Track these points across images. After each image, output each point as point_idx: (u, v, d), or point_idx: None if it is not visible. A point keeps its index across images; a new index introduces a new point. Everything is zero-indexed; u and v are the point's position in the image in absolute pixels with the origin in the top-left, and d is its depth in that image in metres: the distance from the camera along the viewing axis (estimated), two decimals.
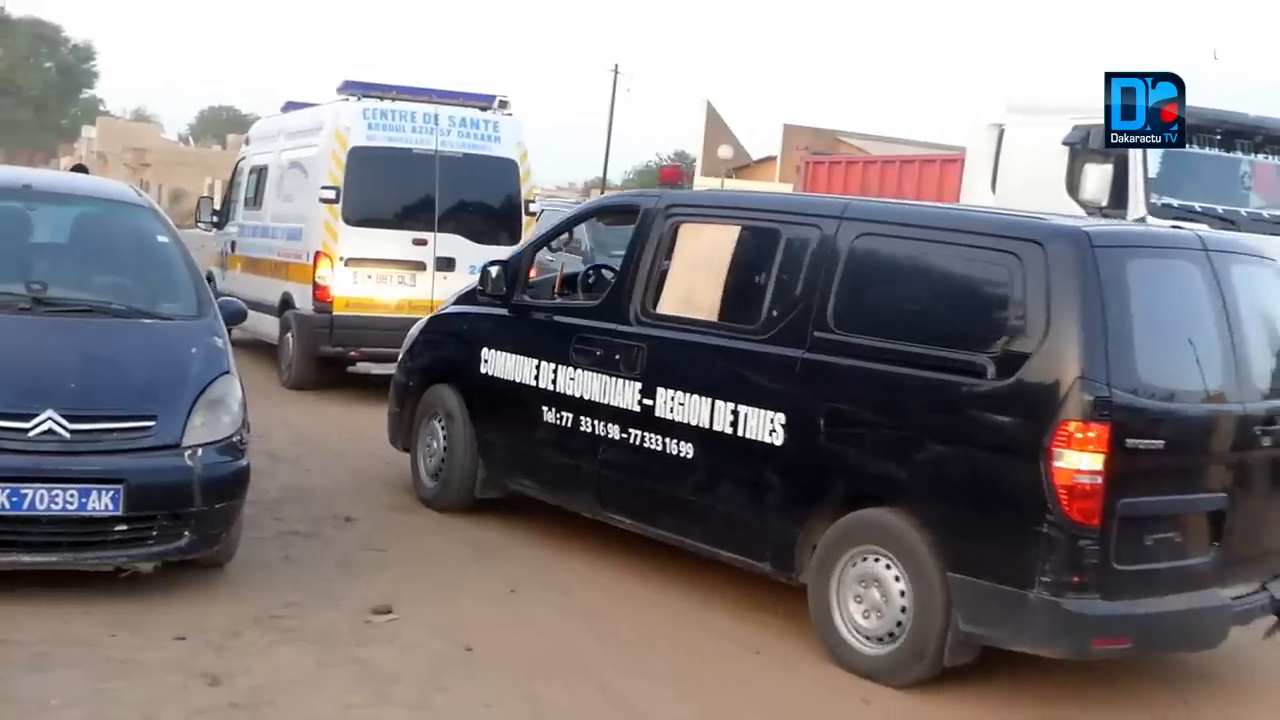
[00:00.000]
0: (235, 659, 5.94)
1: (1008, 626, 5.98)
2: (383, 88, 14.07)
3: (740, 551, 7.10)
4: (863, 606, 6.40)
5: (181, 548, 6.60)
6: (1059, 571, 5.75)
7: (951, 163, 18.31)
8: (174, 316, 7.37)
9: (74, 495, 6.26)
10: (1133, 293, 6.10)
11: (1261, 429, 6.39)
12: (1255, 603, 6.40)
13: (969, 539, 6.08)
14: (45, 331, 6.95)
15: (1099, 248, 6.07)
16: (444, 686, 5.86)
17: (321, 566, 7.47)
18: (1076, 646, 5.93)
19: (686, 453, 7.25)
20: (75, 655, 5.81)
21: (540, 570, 7.77)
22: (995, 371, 6.03)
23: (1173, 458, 6.13)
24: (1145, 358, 6.06)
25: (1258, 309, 6.73)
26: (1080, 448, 5.72)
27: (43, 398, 6.39)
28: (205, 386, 6.85)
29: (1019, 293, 6.08)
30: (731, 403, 7.01)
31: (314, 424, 11.49)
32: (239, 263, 16.32)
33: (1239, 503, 6.35)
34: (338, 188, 13.28)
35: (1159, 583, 6.04)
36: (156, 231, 7.91)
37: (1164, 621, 6.07)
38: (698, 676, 6.27)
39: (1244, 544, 6.43)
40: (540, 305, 8.69)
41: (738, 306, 7.28)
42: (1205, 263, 6.49)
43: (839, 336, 6.67)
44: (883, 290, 6.80)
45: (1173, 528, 6.17)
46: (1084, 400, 5.76)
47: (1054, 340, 5.90)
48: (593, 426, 7.81)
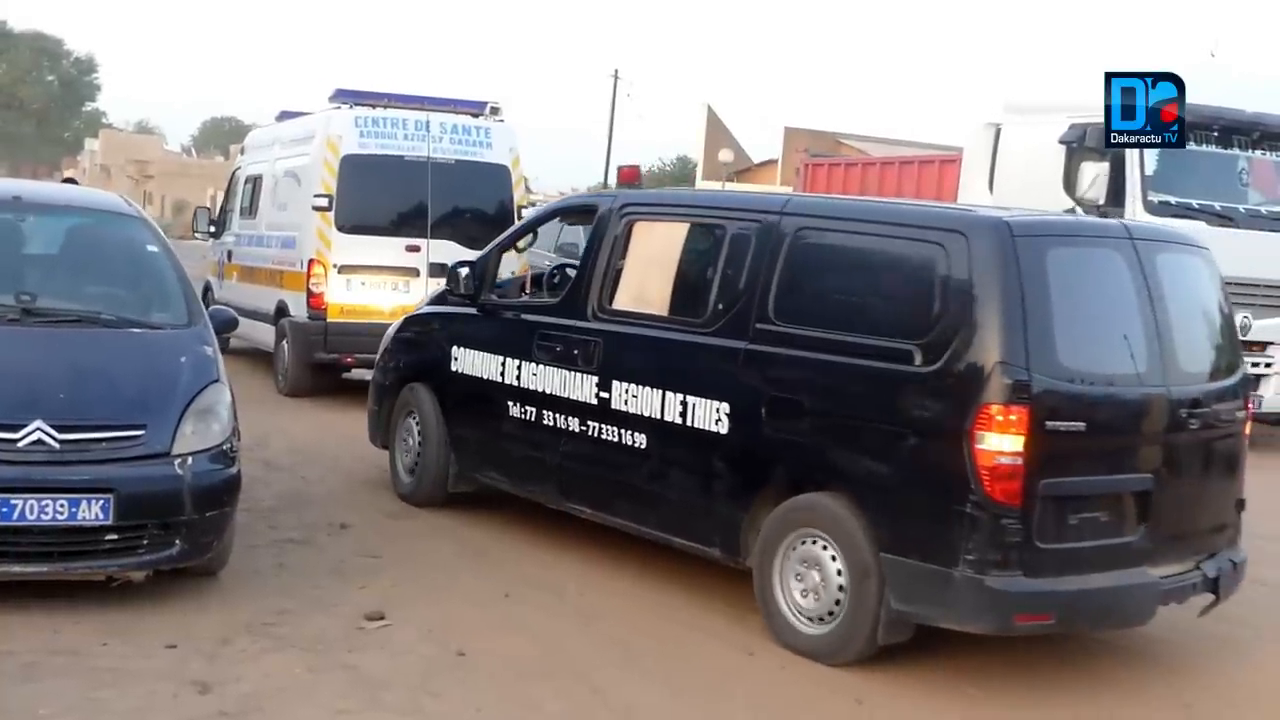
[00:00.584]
0: (226, 667, 5.93)
1: (936, 604, 6.18)
2: (374, 95, 14.13)
3: (691, 538, 7.33)
4: (803, 587, 6.61)
5: (173, 556, 6.61)
6: (982, 550, 5.95)
7: (950, 163, 18.36)
8: (164, 326, 7.38)
9: (64, 505, 6.27)
10: (1053, 280, 6.27)
11: (1188, 411, 6.56)
12: (1187, 581, 6.55)
13: (899, 520, 6.28)
14: (34, 342, 6.96)
15: (1019, 237, 6.26)
16: (435, 691, 5.84)
17: (315, 573, 7.47)
18: (1000, 622, 6.11)
19: (640, 443, 7.50)
20: (65, 665, 5.81)
21: (535, 574, 7.77)
22: (922, 359, 6.23)
23: (1095, 439, 6.31)
24: (1066, 343, 6.24)
25: (1185, 295, 6.91)
26: (1001, 430, 5.92)
27: (31, 408, 6.40)
28: (195, 395, 6.86)
29: (944, 282, 6.29)
30: (681, 394, 7.25)
31: (310, 431, 11.50)
32: (235, 272, 16.38)
33: (1166, 483, 6.50)
34: (330, 195, 13.36)
35: (1084, 561, 6.23)
36: (146, 241, 7.92)
37: (1088, 599, 6.22)
38: (691, 678, 6.26)
39: (1173, 524, 6.60)
40: (506, 304, 9.03)
41: (686, 301, 7.55)
42: (1130, 251, 6.67)
43: (779, 328, 6.90)
44: (820, 282, 7.03)
45: (1097, 507, 6.35)
46: (1003, 384, 5.96)
47: (976, 327, 6.10)
48: (554, 420, 8.07)
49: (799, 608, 6.64)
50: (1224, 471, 7.06)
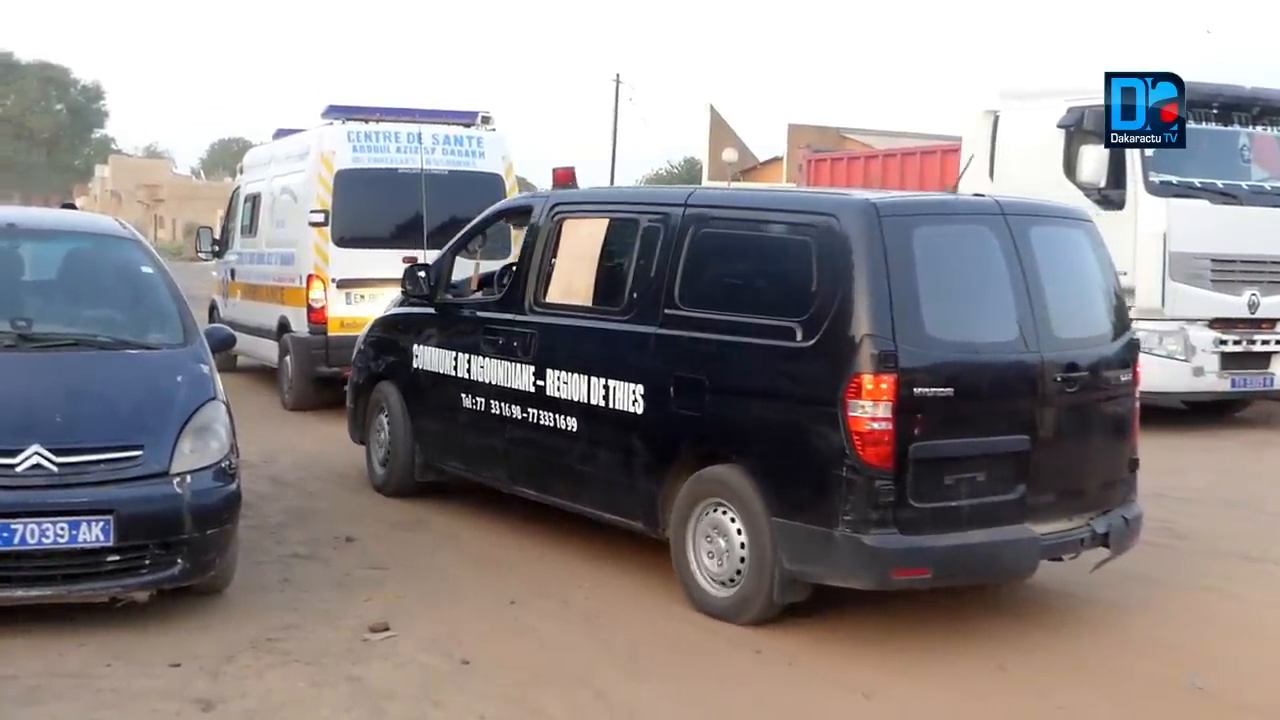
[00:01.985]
0: (229, 683, 5.93)
1: (820, 563, 6.61)
2: (366, 110, 14.21)
3: (618, 513, 7.84)
4: (711, 553, 7.09)
5: (175, 576, 6.60)
6: (859, 510, 6.36)
7: (951, 152, 18.35)
8: (160, 346, 7.39)
9: (64, 528, 6.27)
10: (919, 256, 6.65)
11: (1063, 376, 6.95)
12: (1073, 537, 6.95)
13: (787, 486, 6.72)
14: (30, 367, 6.98)
15: (885, 217, 6.66)
16: (439, 700, 5.82)
17: (320, 587, 7.46)
18: (877, 578, 6.48)
19: (572, 426, 8.04)
20: (69, 687, 5.80)
21: (542, 580, 7.76)
22: (803, 334, 6.67)
23: (965, 404, 6.64)
24: (933, 314, 6.61)
25: (1061, 266, 7.29)
26: (871, 397, 6.33)
27: (28, 432, 6.41)
28: (192, 413, 6.86)
29: (819, 261, 6.72)
30: (603, 378, 7.76)
31: (316, 445, 11.53)
32: (239, 290, 16.45)
33: (1045, 444, 6.88)
34: (326, 211, 13.47)
35: (961, 518, 6.58)
36: (141, 263, 7.94)
37: (964, 553, 6.58)
38: (697, 678, 6.23)
39: (1056, 482, 7.02)
40: (459, 302, 9.53)
41: (607, 291, 8.04)
42: (1002, 226, 7.04)
43: (684, 312, 7.37)
44: (718, 268, 7.45)
45: (974, 468, 6.66)
46: (871, 355, 6.36)
47: (847, 302, 6.50)
48: (500, 409, 8.64)
49: (709, 573, 7.11)
50: (1111, 432, 7.50)
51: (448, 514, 9.37)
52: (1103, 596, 7.67)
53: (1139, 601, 7.61)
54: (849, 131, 39.22)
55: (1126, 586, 7.89)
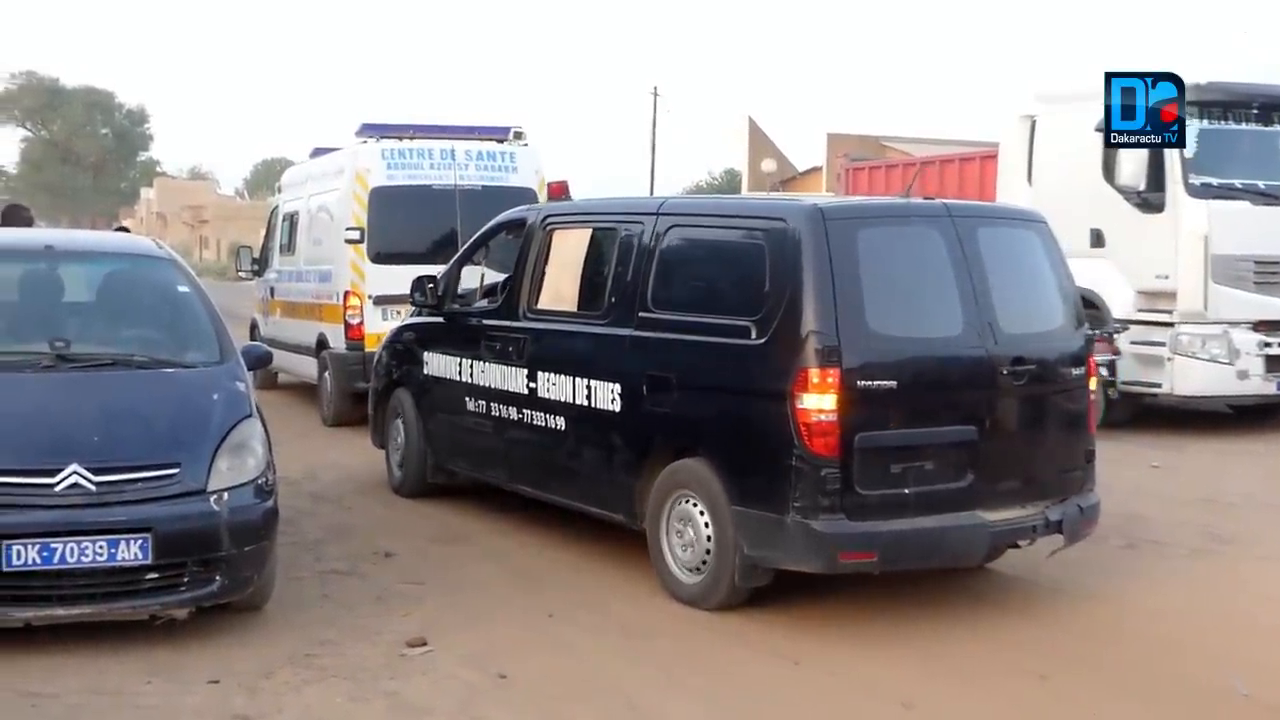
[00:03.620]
0: (267, 699, 5.94)
1: (774, 548, 6.93)
2: (400, 128, 14.28)
3: (602, 506, 8.23)
4: (682, 542, 7.43)
5: (213, 592, 6.63)
6: (808, 498, 6.67)
7: (990, 158, 18.19)
8: (196, 364, 7.42)
9: (103, 546, 6.30)
10: (864, 257, 6.99)
11: (1010, 369, 7.19)
12: (1025, 524, 7.17)
13: (745, 476, 7.05)
14: (68, 387, 7.03)
15: (830, 220, 6.99)
16: (477, 716, 5.82)
17: (358, 603, 7.47)
18: (826, 561, 6.79)
19: (560, 425, 8.44)
20: (109, 705, 5.84)
21: (580, 593, 7.75)
22: (757, 332, 7.03)
23: (910, 396, 6.98)
24: (877, 311, 6.91)
25: (1010, 265, 7.57)
26: (816, 391, 6.66)
27: (67, 452, 6.44)
28: (228, 431, 6.88)
29: (771, 263, 7.08)
30: (586, 379, 8.15)
31: (355, 460, 11.54)
32: (278, 308, 16.53)
33: (993, 435, 7.17)
34: (362, 228, 13.53)
35: (908, 505, 6.86)
36: (177, 282, 7.99)
37: (911, 539, 6.86)
38: (735, 691, 6.19)
39: (1007, 472, 7.27)
40: (463, 311, 9.87)
41: (590, 296, 8.43)
42: (949, 227, 7.34)
43: (655, 315, 7.74)
44: (685, 272, 7.89)
45: (919, 457, 6.95)
46: (816, 350, 6.70)
47: (794, 301, 6.84)
48: (499, 410, 9.06)
49: (680, 561, 7.46)
50: (1064, 424, 7.71)
51: (486, 528, 9.38)
52: (1143, 603, 7.61)
53: (1181, 608, 7.52)
54: (889, 140, 39.15)
55: (1168, 593, 7.84)
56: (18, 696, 5.89)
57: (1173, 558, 8.77)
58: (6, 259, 8.23)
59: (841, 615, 7.30)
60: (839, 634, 6.99)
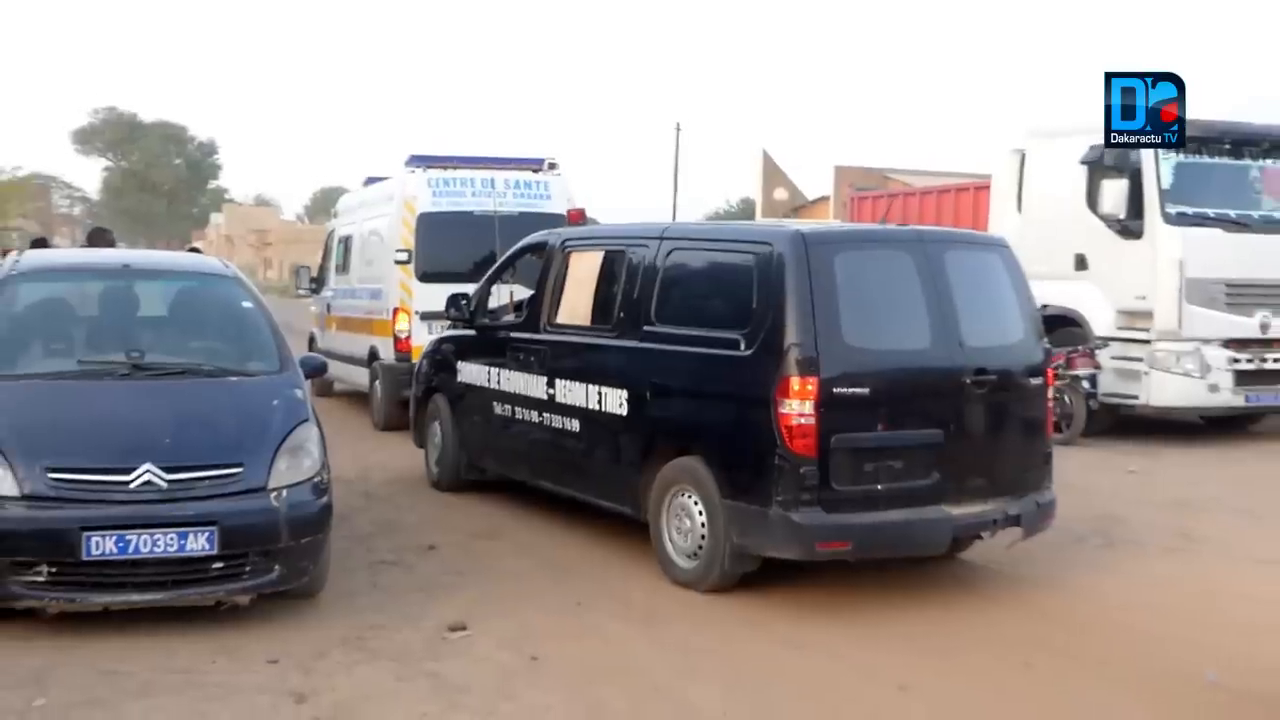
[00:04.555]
0: (321, 678, 5.95)
1: (759, 537, 7.08)
2: (444, 159, 14.28)
3: (612, 500, 8.37)
4: (680, 531, 7.59)
5: (273, 580, 6.64)
6: (789, 492, 6.83)
7: (984, 189, 18.14)
8: (258, 373, 7.45)
9: (174, 538, 6.32)
10: (841, 278, 7.09)
11: (973, 379, 7.28)
12: (987, 518, 7.29)
13: (735, 473, 7.19)
14: (143, 394, 7.05)
15: (811, 244, 7.12)
16: (510, 694, 5.82)
17: (404, 591, 7.48)
18: (804, 549, 6.96)
19: (575, 427, 8.60)
20: (177, 682, 5.85)
21: (605, 583, 7.75)
22: (745, 344, 7.18)
23: (882, 403, 7.05)
24: (852, 326, 7.06)
25: (974, 285, 7.64)
26: (797, 397, 6.80)
27: (141, 453, 6.46)
28: (287, 434, 6.89)
29: (758, 283, 7.21)
30: (597, 386, 8.30)
31: (404, 461, 11.54)
32: (334, 323, 16.58)
33: (958, 438, 7.26)
34: (410, 250, 13.58)
35: (879, 500, 7.00)
36: (242, 298, 8.02)
37: (882, 530, 7.00)
38: (745, 673, 6.19)
39: (971, 471, 7.33)
40: (493, 325, 9.99)
41: (601, 311, 8.54)
42: (920, 251, 7.50)
43: (658, 328, 7.91)
44: (684, 290, 8.02)
45: (890, 457, 7.06)
46: (796, 360, 6.84)
47: (778, 316, 6.99)
48: (523, 414, 9.22)
49: (678, 548, 7.62)
50: (1023, 428, 7.76)
51: (519, 523, 9.38)
52: (1120, 598, 7.57)
53: (1155, 602, 7.48)
54: (892, 172, 39.01)
55: (1144, 588, 7.81)
56: (96, 674, 5.92)
57: (1148, 556, 8.73)
58: (89, 277, 8.29)
59: (842, 605, 7.30)
60: (840, 622, 6.98)
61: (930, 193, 22.01)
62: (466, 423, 10.16)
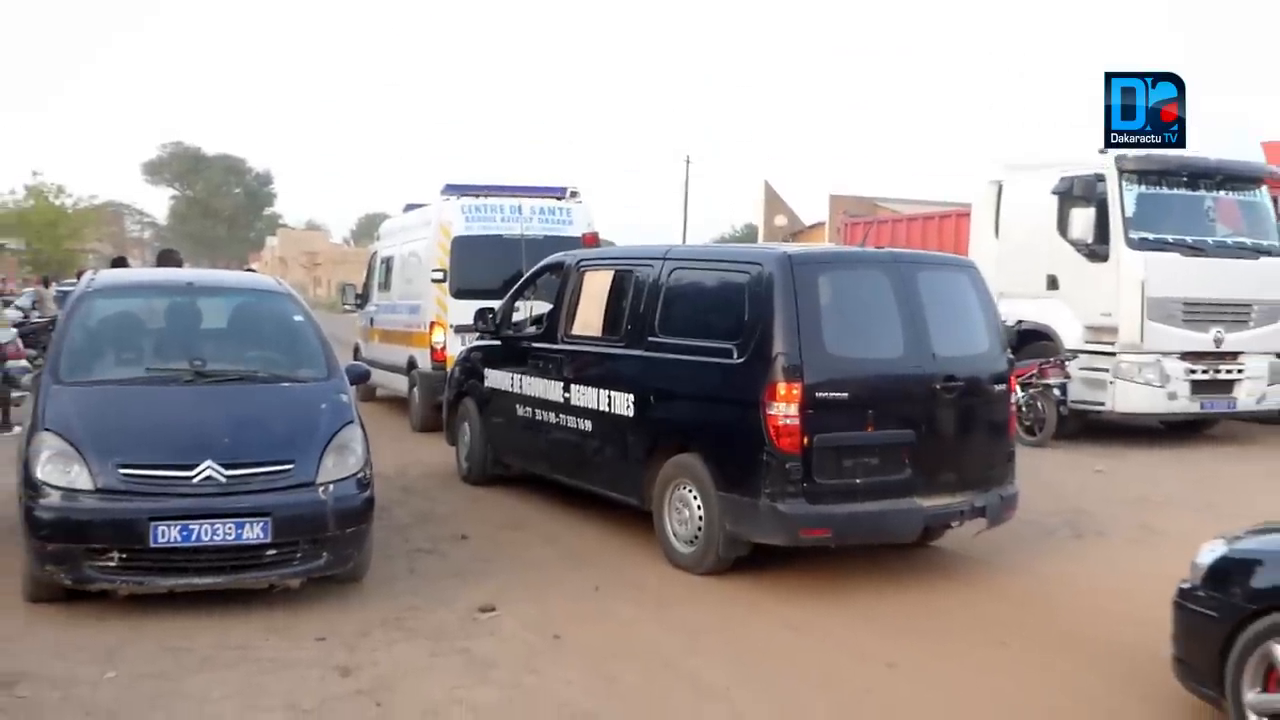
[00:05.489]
0: (364, 654, 5.96)
1: (749, 525, 7.14)
2: (476, 188, 14.27)
3: (620, 492, 8.42)
4: (680, 519, 7.65)
5: (320, 566, 6.66)
6: (775, 485, 6.89)
7: (965, 216, 18.05)
8: (308, 379, 7.44)
9: (232, 528, 6.34)
10: (822, 294, 7.17)
11: (941, 385, 7.32)
12: (954, 509, 7.34)
13: (728, 468, 7.23)
14: (204, 398, 7.06)
15: (797, 265, 7.19)
16: (534, 669, 5.83)
17: (439, 577, 7.48)
18: (789, 536, 7.01)
19: (588, 427, 8.65)
20: (234, 657, 5.88)
21: (621, 570, 7.73)
22: (738, 353, 7.21)
23: (859, 405, 7.09)
24: (833, 338, 7.13)
25: (942, 301, 7.66)
26: (783, 400, 6.86)
27: (203, 450, 6.49)
28: (334, 434, 6.90)
29: (749, 298, 7.26)
30: (607, 390, 8.36)
31: (439, 460, 11.54)
32: (376, 335, 16.57)
33: (928, 438, 7.29)
34: (445, 270, 13.58)
35: (857, 492, 7.05)
36: (293, 313, 8.03)
37: (859, 519, 7.05)
38: (747, 651, 6.18)
39: (940, 467, 7.35)
40: (516, 336, 10.07)
41: (611, 324, 8.62)
42: (895, 270, 7.55)
43: (661, 339, 7.99)
44: (685, 305, 8.05)
45: (866, 454, 7.10)
46: (783, 368, 6.90)
47: (767, 329, 7.04)
48: (543, 415, 9.27)
49: (677, 534, 7.69)
50: (989, 429, 7.77)
51: (543, 516, 9.36)
52: (1088, 583, 7.55)
53: (1119, 587, 7.43)
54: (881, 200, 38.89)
55: (1109, 575, 7.78)
56: (161, 649, 5.95)
57: (1112, 546, 8.70)
58: (157, 293, 8.31)
59: (835, 591, 7.28)
60: (833, 606, 6.96)
61: (916, 219, 21.96)
62: (492, 423, 10.22)
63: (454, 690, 5.52)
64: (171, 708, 5.23)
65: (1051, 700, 5.59)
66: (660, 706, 5.43)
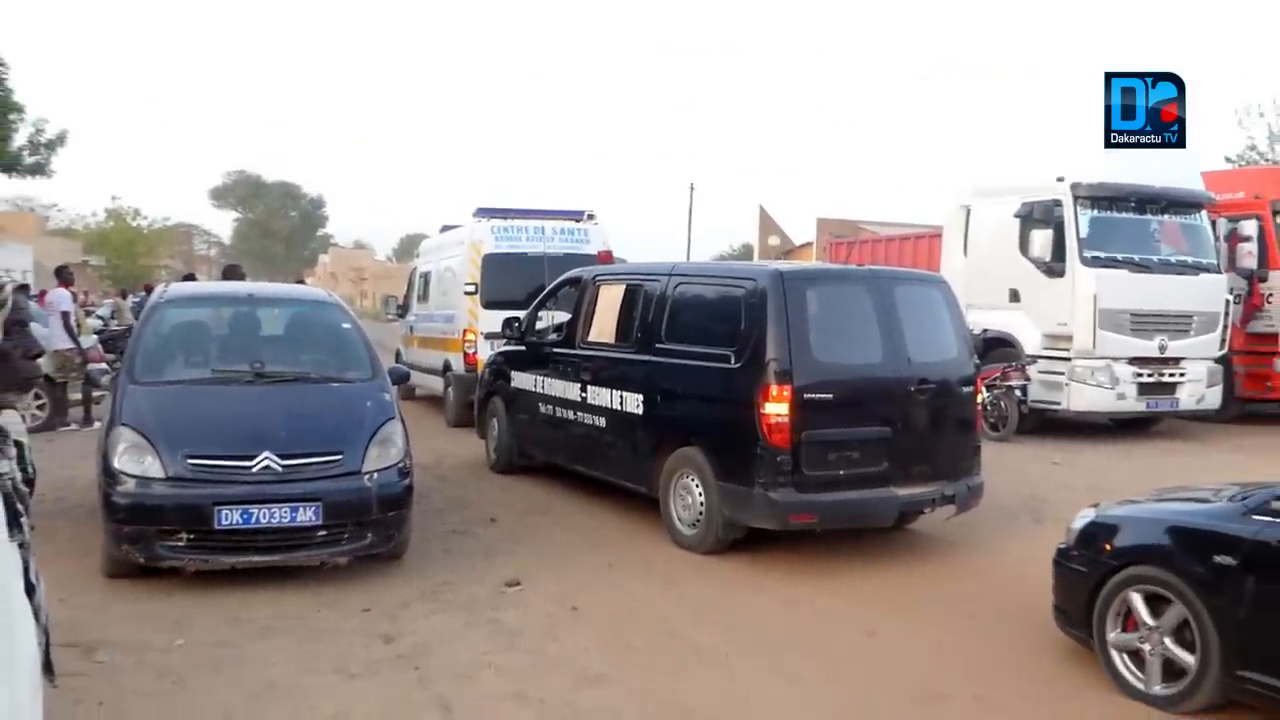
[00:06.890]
0: (405, 624, 5.96)
1: (745, 511, 7.16)
2: (504, 211, 14.25)
3: (630, 481, 8.43)
4: (683, 505, 7.69)
5: (365, 546, 6.65)
6: (768, 475, 6.92)
7: (937, 237, 17.94)
8: (354, 380, 7.43)
9: (287, 511, 6.36)
10: (811, 306, 7.21)
11: (915, 387, 7.34)
12: (926, 498, 7.33)
13: (726, 460, 7.27)
14: (263, 396, 7.06)
15: (788, 280, 7.22)
16: (556, 637, 5.82)
17: (471, 555, 7.47)
18: (780, 521, 6.99)
19: (602, 423, 8.67)
20: (290, 626, 5.88)
21: (632, 551, 7.70)
22: (735, 359, 7.24)
23: (842, 405, 7.11)
24: (820, 345, 7.13)
25: (916, 312, 7.65)
26: (776, 400, 6.90)
27: (261, 443, 6.49)
28: (377, 428, 6.89)
29: (746, 310, 7.27)
30: (619, 391, 8.40)
31: (471, 452, 11.53)
32: (415, 341, 16.56)
33: (904, 434, 7.30)
34: (476, 284, 13.56)
35: (840, 482, 7.06)
36: (342, 321, 8.03)
37: (841, 506, 7.07)
38: (743, 624, 6.15)
39: (914, 460, 7.35)
40: (539, 341, 10.02)
41: (623, 333, 8.63)
42: (874, 285, 7.58)
43: (667, 345, 8.01)
44: (688, 316, 8.05)
45: (848, 449, 7.11)
46: (775, 372, 6.93)
47: (761, 337, 7.07)
48: (562, 413, 9.29)
49: (681, 518, 7.72)
50: (957, 427, 7.73)
51: (564, 503, 9.33)
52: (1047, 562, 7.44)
53: None
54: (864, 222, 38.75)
55: None
56: (225, 619, 5.95)
57: None
58: (221, 304, 8.31)
59: (823, 570, 7.25)
60: (821, 582, 6.93)
61: (894, 239, 21.84)
62: (518, 419, 10.24)
63: (484, 655, 5.51)
64: (234, 671, 5.23)
65: (1014, 661, 5.57)
66: (667, 670, 5.40)
